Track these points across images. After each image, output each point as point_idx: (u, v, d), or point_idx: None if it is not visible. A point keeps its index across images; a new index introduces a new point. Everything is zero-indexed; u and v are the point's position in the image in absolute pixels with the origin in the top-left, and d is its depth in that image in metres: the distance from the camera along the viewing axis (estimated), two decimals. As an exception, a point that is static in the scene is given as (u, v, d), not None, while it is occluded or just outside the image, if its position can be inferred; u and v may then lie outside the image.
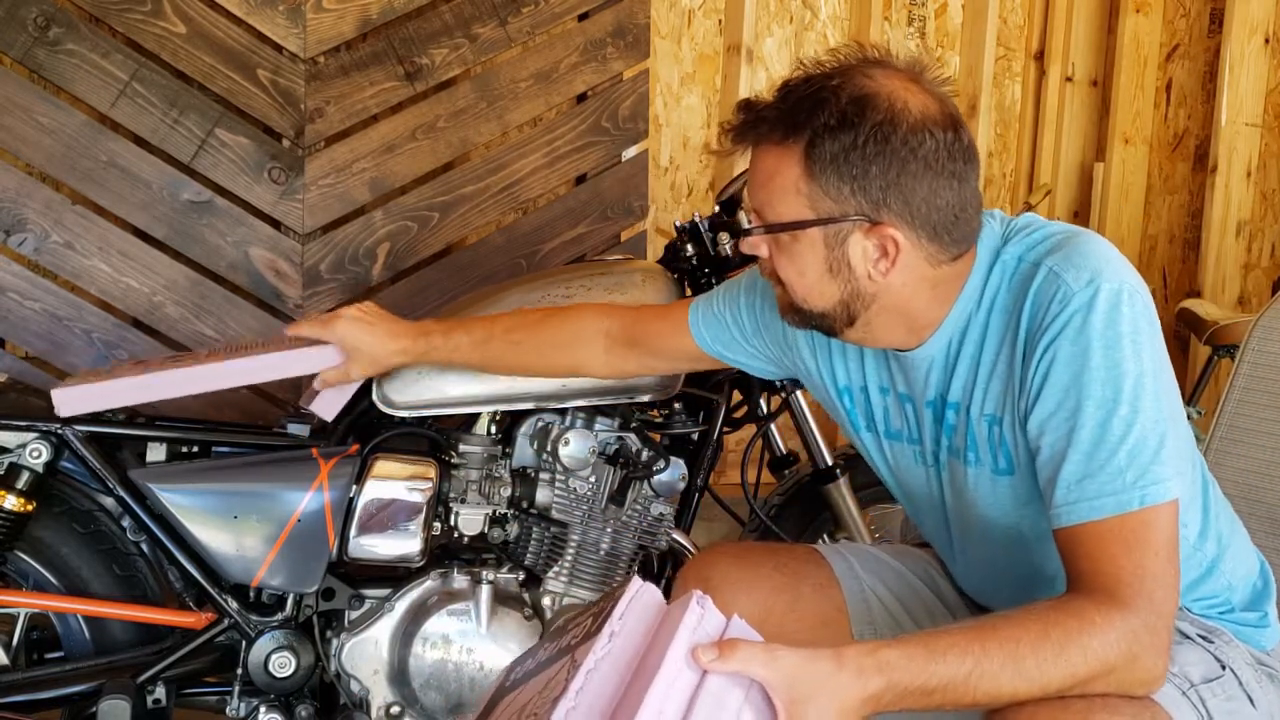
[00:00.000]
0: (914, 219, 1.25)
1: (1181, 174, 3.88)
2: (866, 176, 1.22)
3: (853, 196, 1.24)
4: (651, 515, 2.04)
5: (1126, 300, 1.20)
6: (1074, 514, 1.20)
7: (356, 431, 2.04)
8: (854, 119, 1.22)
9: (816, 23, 3.57)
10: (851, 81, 1.24)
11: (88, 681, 1.89)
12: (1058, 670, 1.13)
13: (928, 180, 1.23)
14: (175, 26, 2.66)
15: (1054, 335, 1.22)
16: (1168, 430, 1.20)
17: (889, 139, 1.21)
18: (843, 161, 1.22)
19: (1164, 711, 1.19)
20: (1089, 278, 1.21)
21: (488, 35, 2.87)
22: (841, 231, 1.26)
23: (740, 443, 2.34)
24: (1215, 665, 1.30)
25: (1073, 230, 1.30)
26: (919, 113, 1.23)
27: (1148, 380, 1.19)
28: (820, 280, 1.29)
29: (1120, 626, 1.14)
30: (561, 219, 2.99)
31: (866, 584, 1.57)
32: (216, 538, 1.90)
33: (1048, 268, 1.25)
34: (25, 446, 1.88)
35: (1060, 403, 1.21)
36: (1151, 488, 1.18)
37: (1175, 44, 3.84)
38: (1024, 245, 1.30)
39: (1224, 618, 1.37)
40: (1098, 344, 1.19)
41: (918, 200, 1.24)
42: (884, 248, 1.26)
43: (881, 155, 1.22)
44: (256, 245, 2.77)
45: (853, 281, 1.28)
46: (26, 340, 2.67)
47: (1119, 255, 1.26)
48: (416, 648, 1.94)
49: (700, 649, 1.07)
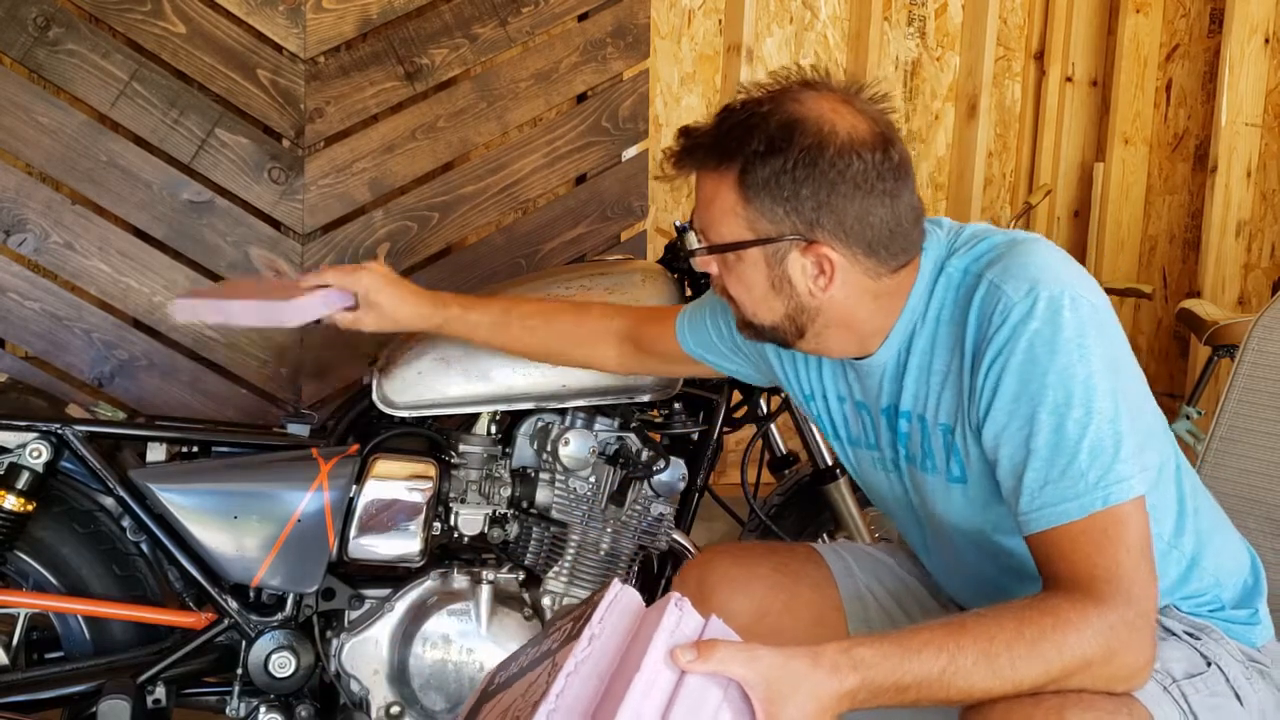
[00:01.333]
0: (848, 237, 1.28)
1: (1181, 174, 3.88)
2: (798, 198, 1.26)
3: (787, 217, 1.28)
4: (651, 515, 2.04)
5: (1068, 305, 1.22)
6: (1041, 520, 1.21)
7: (356, 431, 2.04)
8: (782, 144, 1.26)
9: (816, 23, 3.57)
10: (781, 107, 1.28)
11: (88, 681, 1.90)
12: (1032, 667, 1.13)
13: (858, 199, 1.27)
14: (175, 26, 2.66)
15: (999, 348, 1.24)
16: (1125, 428, 1.21)
17: (817, 162, 1.25)
18: (774, 185, 1.27)
19: (1142, 707, 1.20)
20: (1028, 288, 1.23)
21: (488, 35, 2.87)
22: (779, 251, 1.30)
23: (740, 443, 2.34)
24: (1199, 661, 1.30)
25: (1015, 239, 1.32)
26: (846, 135, 1.26)
27: (1098, 381, 1.21)
28: (766, 296, 1.34)
29: (1096, 622, 1.15)
30: (561, 219, 2.99)
31: (862, 583, 1.58)
32: (216, 538, 1.90)
33: (988, 280, 1.27)
34: (25, 446, 1.88)
35: (1013, 413, 1.23)
36: (1114, 487, 1.19)
37: (1175, 44, 3.84)
38: (969, 257, 1.33)
39: (1214, 615, 1.37)
40: (1042, 351, 1.21)
41: (850, 219, 1.27)
42: (820, 265, 1.30)
43: (811, 178, 1.26)
44: (256, 245, 2.77)
45: (795, 297, 1.33)
46: (26, 340, 2.67)
47: (1062, 260, 1.28)
48: (416, 648, 1.94)
49: (678, 650, 1.08)
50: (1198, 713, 1.25)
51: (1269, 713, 1.32)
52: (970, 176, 3.70)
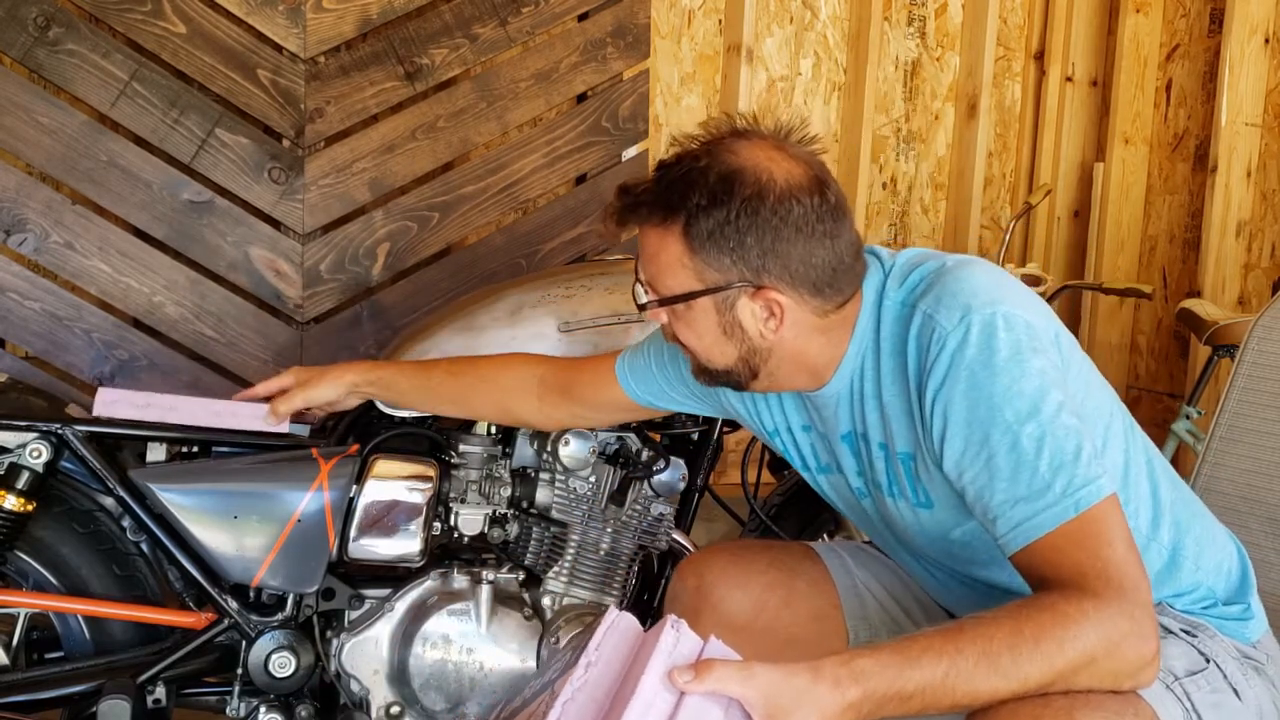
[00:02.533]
0: (794, 279, 1.31)
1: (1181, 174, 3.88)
2: (743, 246, 1.29)
3: (734, 266, 1.31)
4: (651, 515, 2.04)
5: (1001, 325, 1.24)
6: (1018, 539, 1.22)
7: (356, 431, 2.04)
8: (723, 196, 1.29)
9: (816, 23, 3.57)
10: (718, 159, 1.31)
11: (88, 681, 1.89)
12: (1035, 665, 1.13)
13: (800, 243, 1.30)
14: (175, 26, 2.66)
15: (940, 378, 1.26)
16: (1081, 433, 1.22)
17: (759, 210, 1.29)
18: (719, 236, 1.30)
19: (1148, 706, 1.20)
20: (960, 315, 1.26)
21: (488, 35, 2.87)
22: (729, 298, 1.33)
23: (740, 443, 2.34)
24: (1199, 658, 1.30)
25: (945, 265, 1.34)
26: (784, 182, 1.30)
27: (1045, 392, 1.22)
28: (717, 342, 1.37)
29: (1094, 616, 1.15)
30: (561, 219, 2.99)
31: (860, 579, 1.58)
32: (216, 538, 1.90)
33: (922, 312, 1.30)
34: (25, 446, 1.88)
35: (968, 439, 1.24)
36: (1082, 491, 1.19)
37: (1175, 44, 3.84)
38: (904, 290, 1.35)
39: (1207, 613, 1.38)
40: (983, 375, 1.23)
41: (795, 262, 1.31)
42: (770, 309, 1.33)
43: (754, 226, 1.29)
44: (256, 245, 2.77)
45: (747, 341, 1.36)
46: (26, 340, 2.67)
47: (993, 280, 1.30)
48: (416, 648, 1.94)
49: (676, 671, 1.08)
50: (1200, 710, 1.25)
51: (1266, 708, 1.32)
52: (970, 176, 3.70)
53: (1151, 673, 1.19)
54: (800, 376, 1.41)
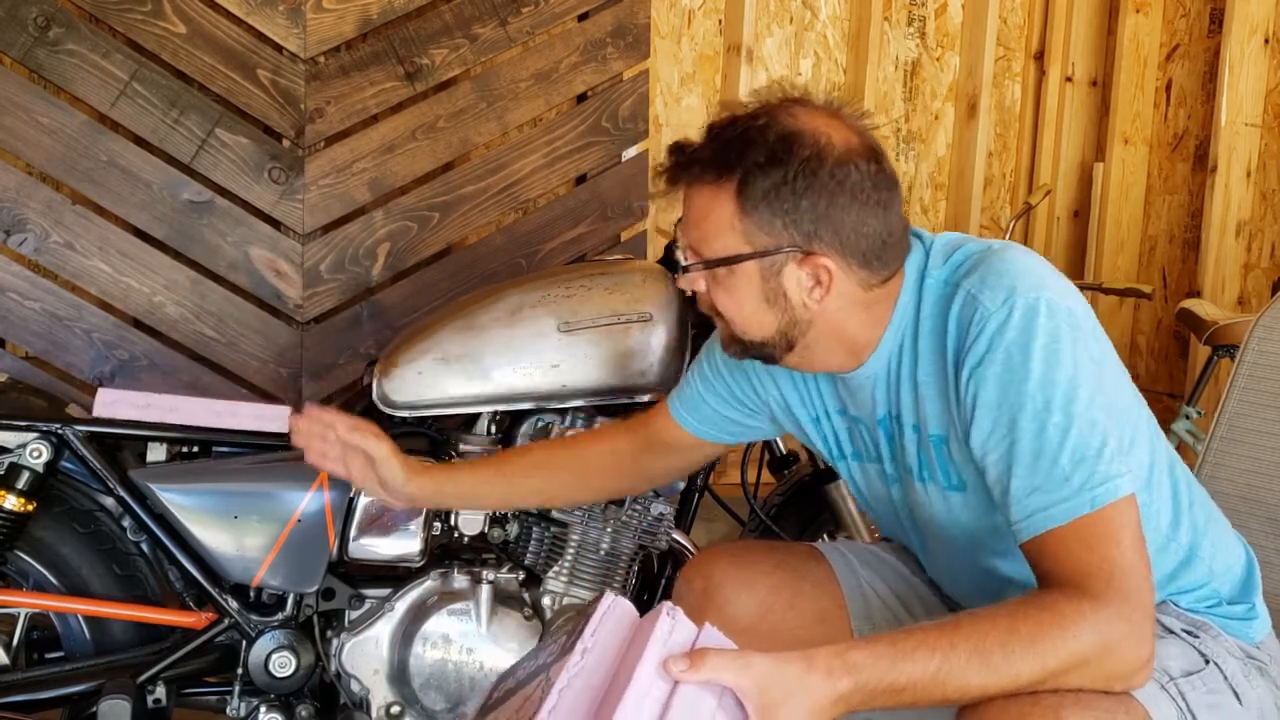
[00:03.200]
0: (844, 247, 1.30)
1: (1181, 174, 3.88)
2: (797, 210, 1.28)
3: (785, 230, 1.29)
4: (651, 515, 2.04)
5: (1044, 311, 1.23)
6: (1031, 527, 1.22)
7: (356, 431, 2.04)
8: (782, 156, 1.27)
9: (816, 23, 3.57)
10: (777, 120, 1.30)
11: (88, 681, 1.90)
12: (1028, 664, 1.14)
13: (855, 210, 1.29)
14: (175, 26, 2.66)
15: (978, 357, 1.25)
16: (1108, 430, 1.22)
17: (817, 173, 1.27)
18: (774, 197, 1.28)
19: (1139, 706, 1.20)
20: (1004, 296, 1.25)
21: (488, 35, 2.87)
22: (776, 263, 1.31)
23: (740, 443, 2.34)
24: (1197, 659, 1.30)
25: (990, 248, 1.33)
26: (843, 146, 1.29)
27: (1076, 385, 1.22)
28: (758, 311, 1.34)
29: (1091, 618, 1.15)
30: (561, 219, 2.99)
31: (864, 580, 1.58)
32: (216, 538, 1.90)
33: (966, 290, 1.29)
34: (25, 446, 1.88)
35: (995, 421, 1.24)
36: (1100, 488, 1.19)
37: (1175, 44, 3.84)
38: (947, 269, 1.34)
39: (1211, 612, 1.37)
40: (1019, 359, 1.22)
41: (847, 229, 1.29)
42: (817, 276, 1.31)
43: (811, 189, 1.27)
44: (256, 245, 2.77)
45: (789, 310, 1.34)
46: (26, 340, 2.67)
47: (1038, 265, 1.29)
48: (417, 647, 1.94)
49: (671, 660, 1.08)
50: (1195, 711, 1.25)
51: (1268, 710, 1.32)
52: (970, 176, 3.70)
53: (1144, 677, 1.19)
54: (837, 354, 1.39)
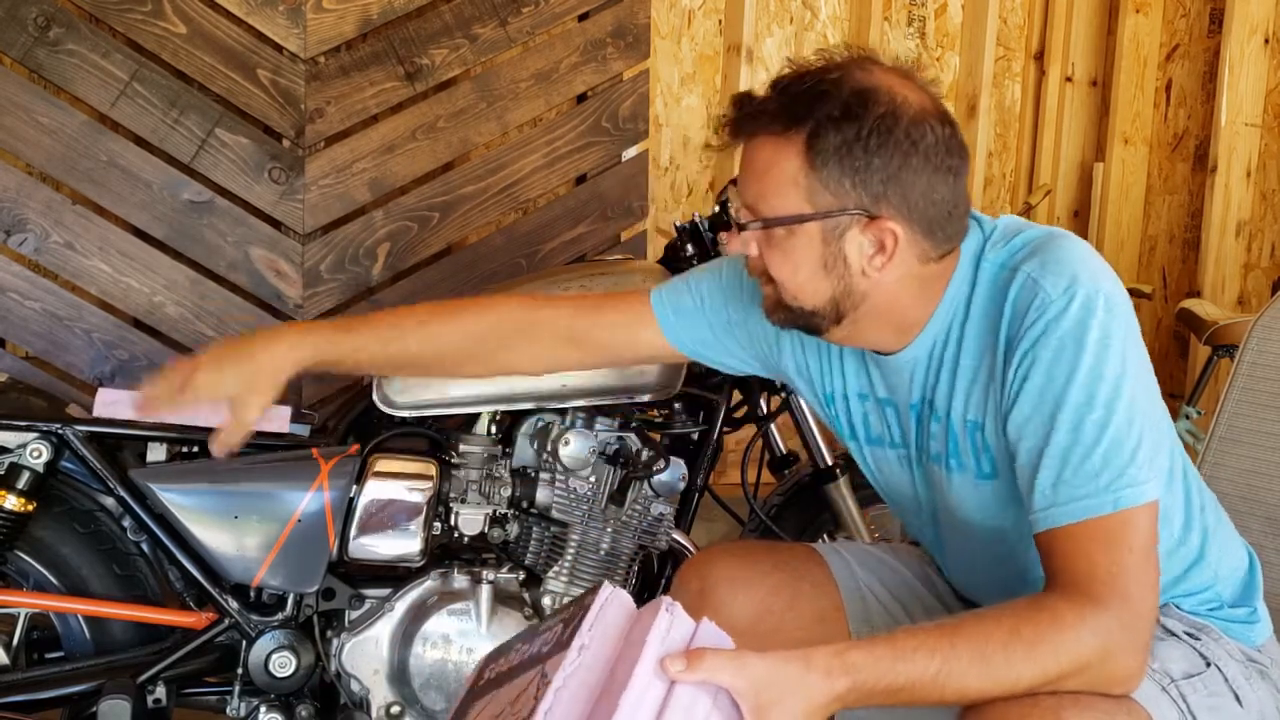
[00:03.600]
0: (911, 213, 1.24)
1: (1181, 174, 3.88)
2: (868, 169, 1.22)
3: (853, 190, 1.23)
4: (651, 515, 2.04)
5: (1103, 305, 1.21)
6: (1050, 518, 1.21)
7: (356, 431, 2.04)
8: (858, 110, 1.21)
9: (816, 23, 3.57)
10: (850, 76, 1.24)
11: (88, 681, 1.89)
12: (1028, 668, 1.13)
13: (926, 174, 1.23)
14: (175, 26, 2.66)
15: (1031, 341, 1.23)
16: (1144, 432, 1.21)
17: (892, 131, 1.21)
18: (845, 154, 1.22)
19: (1140, 708, 1.20)
20: (1066, 284, 1.22)
21: (488, 35, 2.87)
22: (839, 226, 1.25)
23: (740, 443, 2.34)
24: (1198, 661, 1.30)
25: (1050, 234, 1.30)
26: (918, 106, 1.24)
27: (1122, 384, 1.20)
28: (813, 277, 1.28)
29: (1093, 623, 1.14)
30: (561, 219, 2.99)
31: (863, 581, 1.57)
32: (217, 538, 1.90)
33: (1025, 274, 1.25)
34: (25, 446, 1.88)
35: (1036, 407, 1.22)
36: (1126, 491, 1.18)
37: (1175, 44, 3.84)
38: (1005, 251, 1.30)
39: (1212, 614, 1.37)
40: (1072, 349, 1.20)
41: (916, 194, 1.23)
42: (881, 242, 1.25)
43: (884, 147, 1.21)
44: (256, 245, 2.77)
45: (846, 278, 1.27)
46: (26, 340, 2.67)
47: (1097, 258, 1.27)
48: (417, 647, 1.94)
49: (668, 659, 1.07)
50: (1196, 713, 1.25)
51: (1268, 713, 1.31)
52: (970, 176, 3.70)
53: (1136, 683, 1.18)
54: (884, 331, 1.33)
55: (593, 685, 1.09)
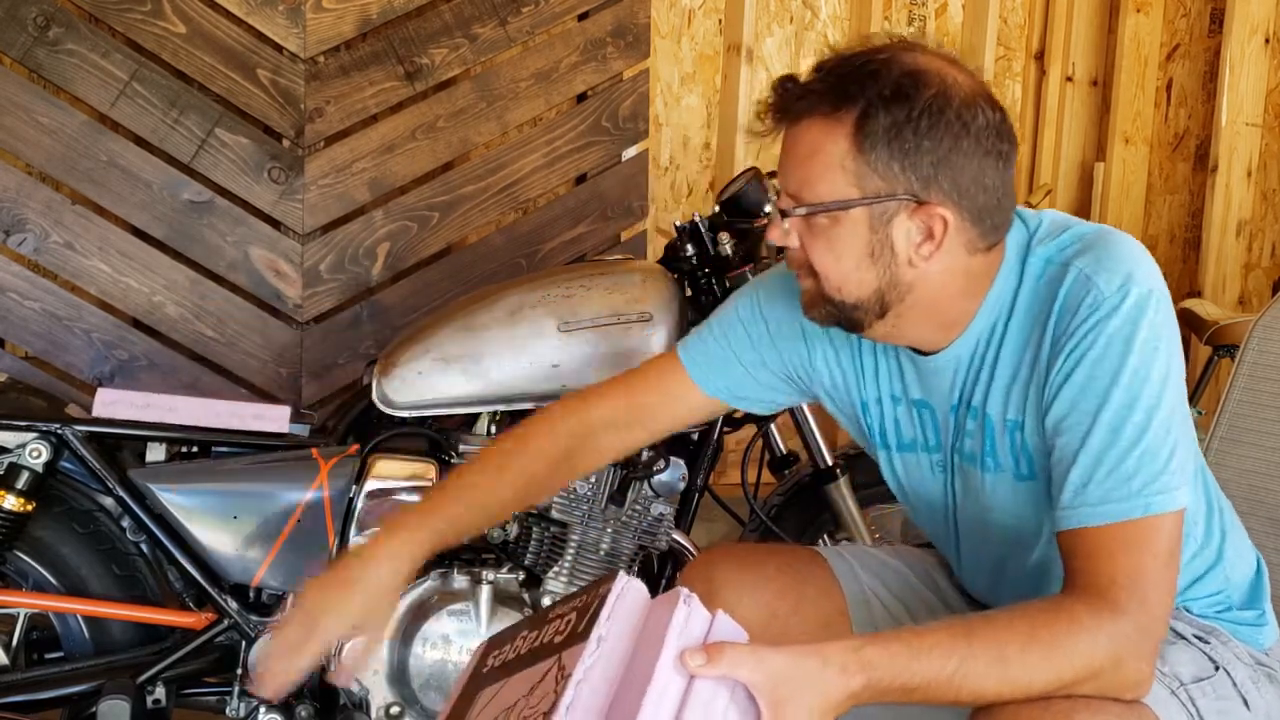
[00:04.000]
0: (961, 199, 1.21)
1: (1182, 174, 3.88)
2: (918, 152, 1.19)
3: (902, 174, 1.20)
4: (651, 515, 2.04)
5: (1154, 306, 1.20)
6: (1077, 517, 1.19)
7: (356, 431, 2.04)
8: (909, 91, 1.18)
9: (816, 23, 3.57)
10: (899, 58, 1.22)
11: (88, 681, 1.89)
12: (1043, 671, 1.12)
13: (976, 158, 1.20)
14: (175, 26, 2.66)
15: (1081, 337, 1.20)
16: (1179, 439, 1.20)
17: (944, 112, 1.19)
18: (894, 136, 1.18)
19: (1150, 712, 1.19)
20: (1120, 281, 1.20)
21: (488, 35, 2.87)
22: (887, 212, 1.21)
23: (740, 443, 2.34)
24: (1207, 665, 1.29)
25: (1102, 230, 1.28)
26: (969, 89, 1.21)
27: (1167, 388, 1.19)
28: (859, 267, 1.24)
29: (1109, 628, 1.13)
30: (561, 219, 2.99)
31: (867, 586, 1.56)
32: (216, 538, 1.90)
33: (1078, 269, 1.23)
34: (25, 446, 1.88)
35: (1075, 404, 1.20)
36: (1157, 497, 1.17)
37: (1175, 44, 3.84)
38: (1052, 248, 1.27)
39: (1221, 617, 1.36)
40: (1120, 348, 1.18)
41: (966, 179, 1.20)
42: (930, 229, 1.22)
43: (935, 129, 1.18)
44: (256, 245, 2.77)
45: (893, 268, 1.24)
46: (26, 340, 2.67)
47: (1149, 257, 1.25)
48: (416, 648, 1.94)
49: (688, 654, 1.06)
50: (1205, 717, 1.24)
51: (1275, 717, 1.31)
52: (970, 176, 3.69)
53: (1145, 689, 1.18)
54: (928, 327, 1.30)
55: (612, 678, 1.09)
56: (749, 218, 2.08)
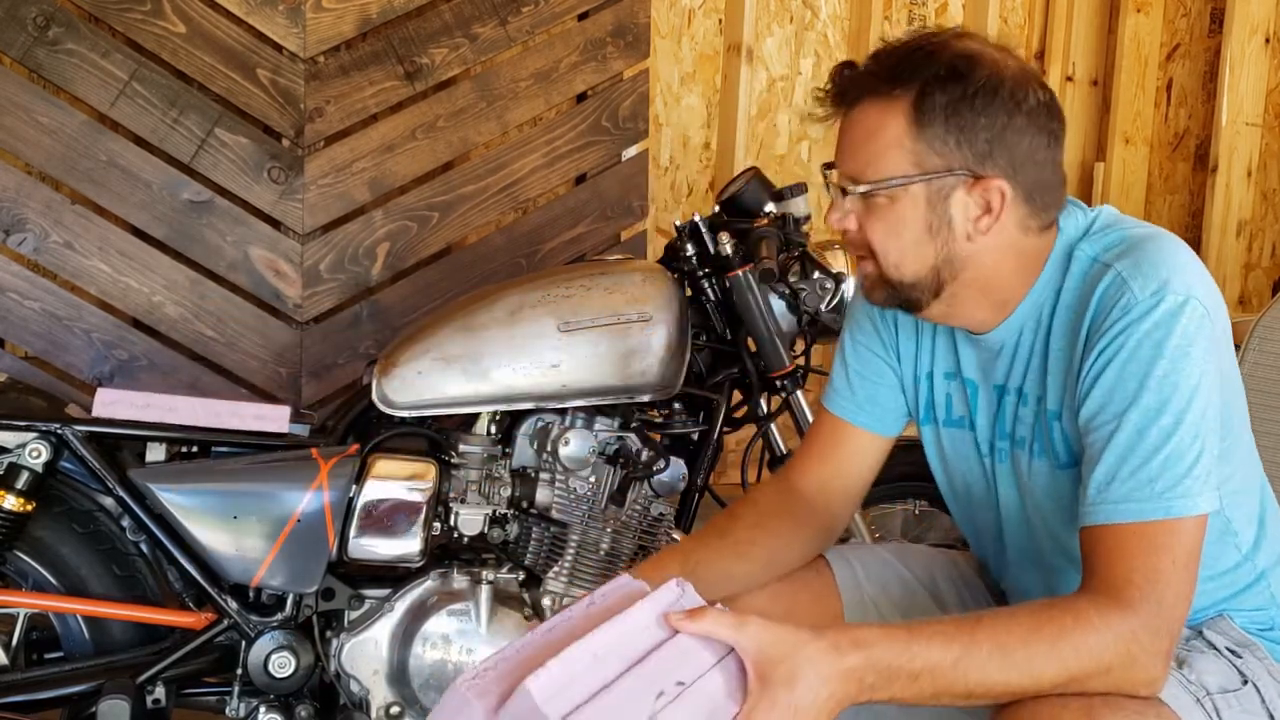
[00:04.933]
0: (1016, 173, 1.26)
1: (1182, 174, 3.88)
2: (974, 128, 1.24)
3: (958, 149, 1.25)
4: (651, 515, 2.04)
5: (1188, 313, 1.20)
6: (1098, 514, 1.20)
7: (356, 431, 2.04)
8: (964, 71, 1.24)
9: (816, 22, 3.57)
10: (952, 43, 1.28)
11: (87, 681, 1.89)
12: (1049, 665, 1.13)
13: (1030, 135, 1.26)
14: (175, 26, 2.66)
15: (1111, 338, 1.22)
16: (1208, 445, 1.20)
17: (998, 90, 1.24)
18: (951, 113, 1.24)
19: (1170, 712, 1.19)
20: (1155, 288, 1.21)
21: (488, 35, 2.87)
22: (945, 187, 1.26)
23: (740, 443, 2.34)
24: (1236, 677, 1.28)
25: (1150, 234, 1.29)
26: (1019, 70, 1.27)
27: (1197, 393, 1.19)
28: (917, 243, 1.29)
29: (1119, 627, 1.14)
30: (561, 219, 2.99)
31: (869, 593, 1.55)
32: (216, 538, 1.90)
33: (1116, 271, 1.25)
34: (25, 446, 1.88)
35: (1104, 404, 1.22)
36: (1178, 501, 1.18)
37: (1175, 44, 3.84)
38: (1100, 245, 1.31)
39: (1263, 634, 1.35)
40: (1149, 352, 1.20)
41: (1021, 154, 1.26)
42: (988, 202, 1.27)
43: (990, 106, 1.24)
44: (256, 245, 2.77)
45: (950, 244, 1.28)
46: (26, 340, 2.67)
47: (1195, 264, 1.26)
48: (416, 648, 1.94)
49: (672, 614, 1.08)
50: None
51: None
52: (971, 176, 3.69)
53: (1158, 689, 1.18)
54: (980, 306, 1.34)
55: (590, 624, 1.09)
56: (749, 218, 2.08)
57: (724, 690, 1.07)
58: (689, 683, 1.05)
